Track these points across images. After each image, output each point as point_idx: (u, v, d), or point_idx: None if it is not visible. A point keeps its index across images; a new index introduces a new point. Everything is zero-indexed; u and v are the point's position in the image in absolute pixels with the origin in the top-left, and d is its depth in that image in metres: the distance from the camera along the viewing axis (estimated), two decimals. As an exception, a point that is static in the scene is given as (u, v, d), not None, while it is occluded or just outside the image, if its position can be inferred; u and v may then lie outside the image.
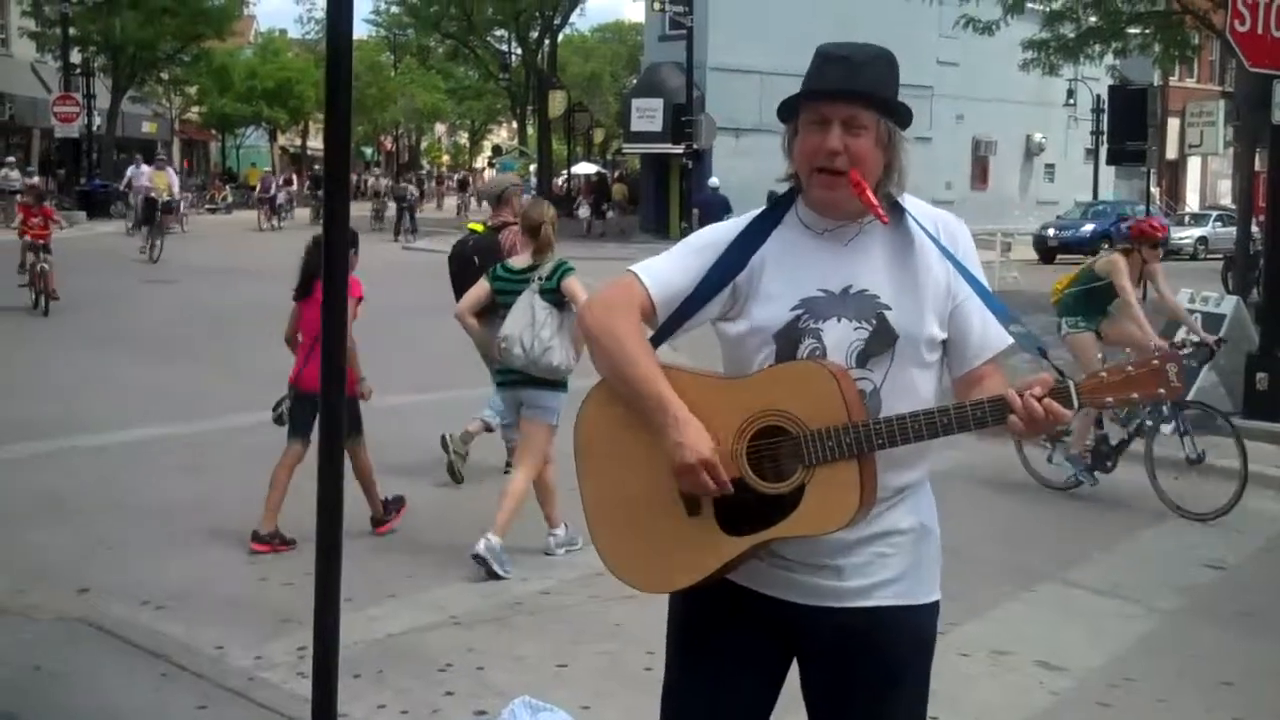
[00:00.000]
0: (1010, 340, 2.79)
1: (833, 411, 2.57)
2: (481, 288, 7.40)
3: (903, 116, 2.74)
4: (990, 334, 2.77)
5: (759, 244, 2.80)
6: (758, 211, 2.87)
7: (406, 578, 6.80)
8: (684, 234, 26.03)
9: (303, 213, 45.21)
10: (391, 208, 42.12)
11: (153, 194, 29.12)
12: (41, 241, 18.20)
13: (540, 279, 7.02)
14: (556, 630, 6.15)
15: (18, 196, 25.05)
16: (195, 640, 5.77)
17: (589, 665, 5.73)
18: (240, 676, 5.39)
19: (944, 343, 2.78)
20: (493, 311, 7.32)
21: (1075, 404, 2.55)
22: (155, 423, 10.62)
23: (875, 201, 2.66)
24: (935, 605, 2.84)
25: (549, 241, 7.16)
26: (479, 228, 9.70)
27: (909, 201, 2.80)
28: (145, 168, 35.99)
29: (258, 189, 45.71)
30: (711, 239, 2.86)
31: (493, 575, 6.79)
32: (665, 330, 2.84)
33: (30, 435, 9.91)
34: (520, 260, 7.35)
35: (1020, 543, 7.68)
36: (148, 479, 8.82)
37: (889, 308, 2.70)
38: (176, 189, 30.26)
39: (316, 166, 50.47)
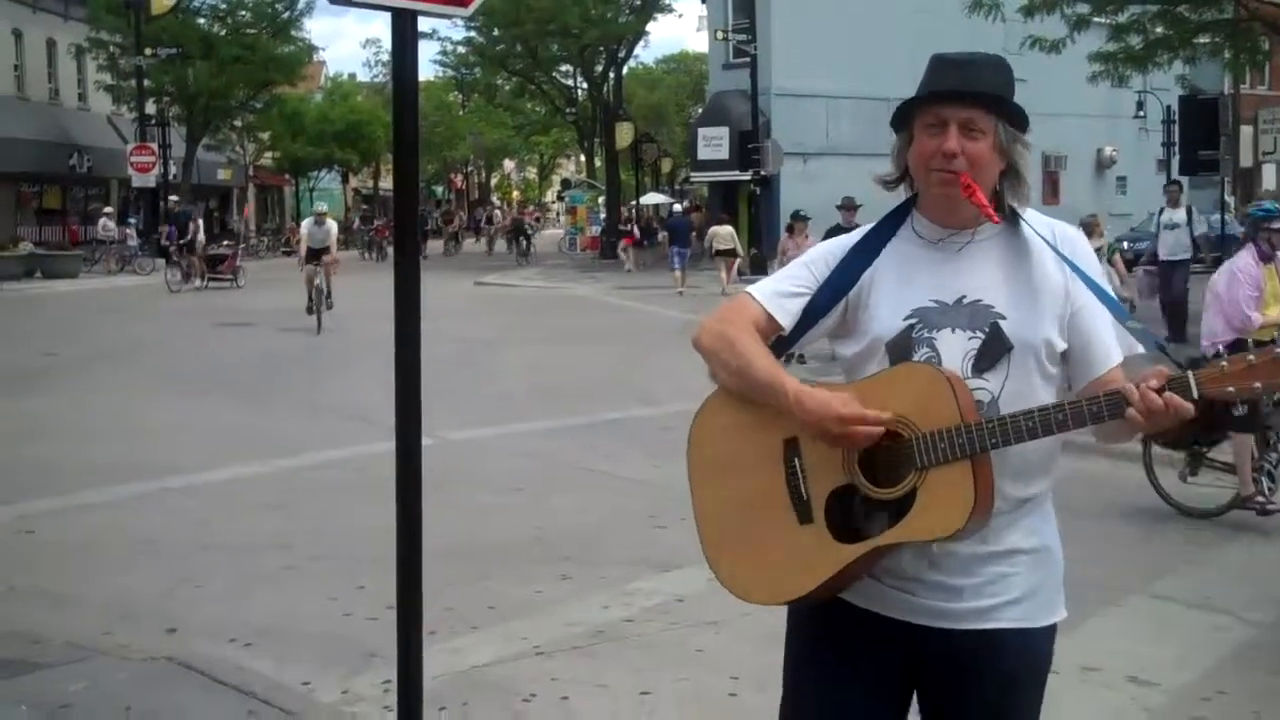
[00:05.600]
0: (1140, 348, 2.70)
1: (945, 412, 2.52)
2: None
3: (1020, 120, 2.69)
4: (1119, 337, 2.71)
5: (872, 258, 2.75)
6: (872, 225, 2.83)
7: (488, 609, 6.83)
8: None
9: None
10: (501, 242, 46.61)
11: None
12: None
13: None
14: (639, 658, 6.14)
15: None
16: (283, 676, 5.81)
17: (673, 692, 5.71)
18: (328, 712, 5.43)
19: (1064, 354, 2.70)
20: None
21: (1195, 395, 2.47)
22: (240, 462, 10.76)
23: (985, 201, 2.61)
24: (1053, 629, 2.77)
25: None
26: None
27: (1027, 212, 2.75)
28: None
29: None
30: (822, 252, 2.83)
31: None
32: (782, 343, 2.79)
33: (117, 478, 10.05)
34: None
35: (1105, 556, 7.55)
36: (233, 518, 8.92)
37: (1003, 317, 2.65)
38: None
39: (365, 206, 51.88)
